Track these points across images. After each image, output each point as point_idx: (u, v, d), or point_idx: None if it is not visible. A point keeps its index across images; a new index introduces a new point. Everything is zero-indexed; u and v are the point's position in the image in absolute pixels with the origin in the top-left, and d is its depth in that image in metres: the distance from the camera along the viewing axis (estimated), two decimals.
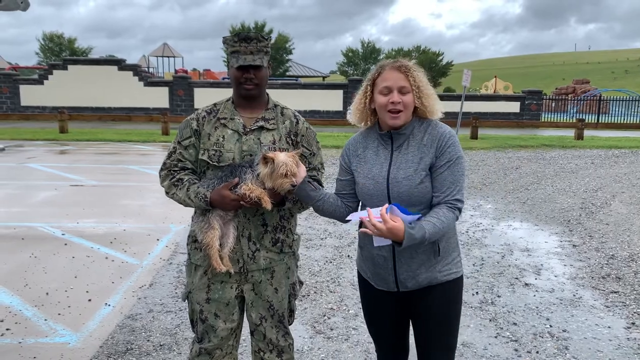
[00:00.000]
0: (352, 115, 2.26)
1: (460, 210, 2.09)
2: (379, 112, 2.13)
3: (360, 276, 2.36)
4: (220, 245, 2.21)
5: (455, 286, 2.21)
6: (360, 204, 2.25)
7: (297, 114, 2.41)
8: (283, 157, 2.10)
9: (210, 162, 2.24)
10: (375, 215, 1.91)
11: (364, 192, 2.17)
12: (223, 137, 2.25)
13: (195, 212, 2.33)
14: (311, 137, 2.39)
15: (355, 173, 2.22)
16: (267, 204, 2.12)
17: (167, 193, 2.32)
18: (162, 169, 2.34)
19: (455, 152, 2.08)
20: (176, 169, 2.30)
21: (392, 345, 2.36)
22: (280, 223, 2.33)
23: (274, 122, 2.31)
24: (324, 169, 2.46)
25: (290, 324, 2.48)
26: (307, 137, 2.37)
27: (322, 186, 2.35)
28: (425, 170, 2.06)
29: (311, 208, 2.26)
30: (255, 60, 2.19)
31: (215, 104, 2.36)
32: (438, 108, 2.16)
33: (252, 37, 2.21)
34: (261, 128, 2.28)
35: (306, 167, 2.30)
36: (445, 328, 2.22)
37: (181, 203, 2.28)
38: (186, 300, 2.45)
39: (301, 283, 2.54)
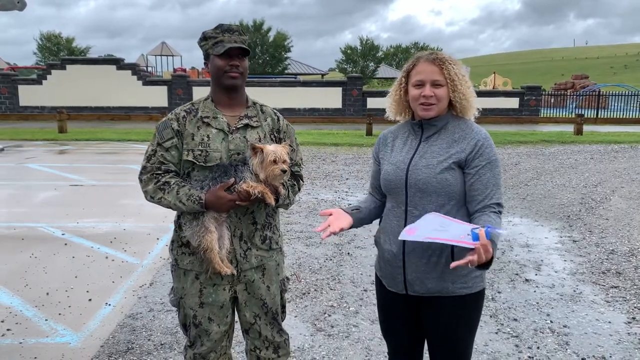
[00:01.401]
0: (389, 110, 2.23)
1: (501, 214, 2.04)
2: (412, 104, 2.11)
3: (375, 275, 2.34)
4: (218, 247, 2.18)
5: (471, 301, 2.09)
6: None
7: (276, 111, 2.41)
8: (272, 147, 2.12)
9: (197, 163, 2.18)
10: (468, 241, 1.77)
11: (384, 179, 2.15)
12: (208, 137, 2.19)
13: (180, 217, 2.28)
14: (292, 133, 2.40)
15: (382, 161, 2.21)
16: (271, 199, 2.12)
17: (152, 198, 2.20)
18: (142, 173, 2.22)
19: (493, 153, 2.04)
20: (159, 172, 2.19)
21: (402, 347, 2.31)
22: (267, 220, 2.32)
23: (257, 120, 2.30)
24: (303, 164, 2.49)
25: (282, 320, 2.48)
26: (288, 134, 2.38)
27: (303, 181, 2.44)
28: (449, 164, 2.00)
29: (313, 205, 2.27)
30: (239, 44, 2.17)
31: (192, 103, 2.30)
32: (472, 106, 2.09)
33: (234, 29, 2.20)
34: (246, 126, 2.26)
35: (288, 163, 2.31)
36: (454, 345, 2.14)
37: (170, 207, 2.19)
38: (177, 307, 2.41)
39: (288, 279, 2.54)
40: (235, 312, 2.44)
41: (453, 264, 1.80)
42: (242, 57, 2.21)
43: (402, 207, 2.08)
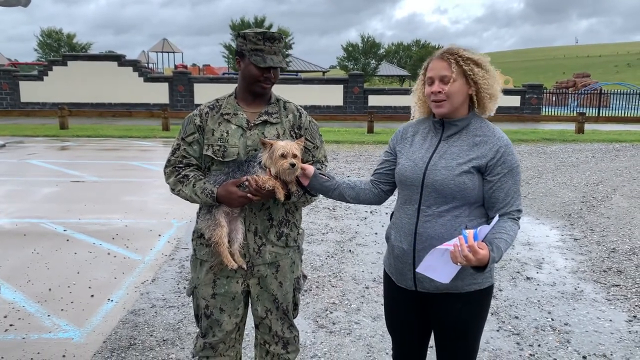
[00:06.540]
0: (414, 109, 2.22)
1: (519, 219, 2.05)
2: (427, 101, 2.11)
3: (384, 271, 2.33)
4: (229, 241, 2.21)
5: (480, 297, 2.10)
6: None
7: (299, 107, 2.42)
8: (282, 142, 2.13)
9: (215, 158, 2.24)
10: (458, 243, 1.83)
11: (400, 174, 2.13)
12: (227, 133, 2.25)
13: (200, 209, 2.34)
14: (314, 130, 2.40)
15: (399, 155, 2.19)
16: (281, 194, 2.13)
17: (172, 190, 2.31)
18: (166, 166, 2.34)
19: (515, 160, 2.02)
20: (181, 165, 2.30)
21: (408, 343, 2.31)
22: (285, 217, 2.34)
23: (277, 116, 2.31)
24: (327, 161, 2.47)
25: (294, 317, 2.50)
26: (310, 130, 2.38)
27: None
28: (468, 168, 1.99)
29: (314, 202, 2.26)
30: (280, 62, 2.22)
31: (217, 100, 2.36)
32: (487, 103, 2.07)
33: (276, 37, 2.22)
34: (265, 122, 2.28)
35: (310, 161, 2.32)
36: (463, 342, 2.14)
37: (187, 199, 2.28)
38: (191, 296, 2.46)
39: (305, 277, 2.55)
40: (249, 308, 2.47)
41: (457, 260, 1.84)
42: (276, 68, 2.25)
43: (415, 205, 2.07)
